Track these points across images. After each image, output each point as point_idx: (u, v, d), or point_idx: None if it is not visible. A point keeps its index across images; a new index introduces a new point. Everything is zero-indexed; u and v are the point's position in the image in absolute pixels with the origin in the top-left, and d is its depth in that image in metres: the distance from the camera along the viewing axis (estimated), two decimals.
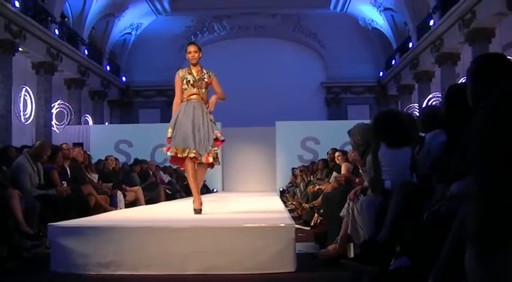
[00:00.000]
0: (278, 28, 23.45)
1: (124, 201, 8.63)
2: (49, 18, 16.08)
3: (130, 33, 23.24)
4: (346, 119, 20.07)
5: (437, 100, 14.51)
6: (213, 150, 5.36)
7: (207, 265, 4.00)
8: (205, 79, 5.42)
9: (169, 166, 12.30)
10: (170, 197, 10.86)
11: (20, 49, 14.47)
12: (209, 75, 5.49)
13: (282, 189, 14.53)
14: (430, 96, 15.83)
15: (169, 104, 9.23)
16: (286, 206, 8.57)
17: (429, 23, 16.66)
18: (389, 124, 3.91)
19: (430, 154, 3.48)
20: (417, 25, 18.22)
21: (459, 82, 10.45)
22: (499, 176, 1.03)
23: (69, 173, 7.34)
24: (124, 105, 24.09)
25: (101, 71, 21.20)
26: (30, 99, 14.49)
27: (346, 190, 4.66)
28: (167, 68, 17.57)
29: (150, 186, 10.51)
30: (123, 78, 23.74)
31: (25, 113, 14.33)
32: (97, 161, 10.06)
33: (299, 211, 8.63)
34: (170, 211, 6.65)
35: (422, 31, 17.52)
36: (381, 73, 23.22)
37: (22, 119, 14.22)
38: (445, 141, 3.07)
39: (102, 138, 15.77)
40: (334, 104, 23.79)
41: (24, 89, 14.21)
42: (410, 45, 19.04)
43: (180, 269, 4.00)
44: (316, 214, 6.90)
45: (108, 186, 8.47)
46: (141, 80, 23.29)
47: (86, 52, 19.48)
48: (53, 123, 16.58)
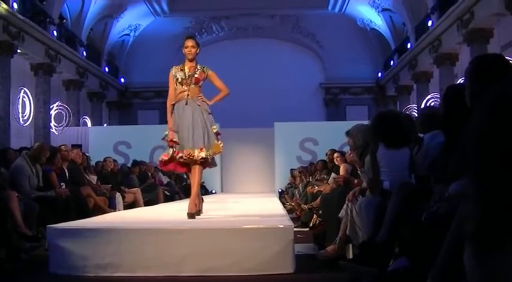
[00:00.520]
0: (276, 29, 23.44)
1: (123, 202, 8.63)
2: (47, 19, 16.06)
3: (128, 34, 23.23)
4: (344, 120, 20.01)
5: (435, 101, 14.48)
6: (211, 150, 5.18)
7: (206, 267, 4.00)
8: (195, 75, 5.22)
9: None
10: (169, 199, 10.84)
11: (19, 51, 14.44)
12: (203, 70, 5.28)
13: (281, 190, 14.51)
14: (429, 96, 15.80)
15: None
16: (284, 207, 8.56)
17: (427, 24, 16.65)
18: (388, 125, 3.91)
19: (429, 155, 3.47)
20: (415, 26, 18.22)
21: (457, 83, 10.46)
22: (496, 176, 1.02)
23: (67, 175, 7.34)
24: (123, 106, 24.06)
25: (100, 73, 21.17)
26: (28, 100, 14.45)
27: (344, 191, 4.65)
28: (166, 69, 17.17)
29: (149, 187, 10.51)
30: (121, 79, 23.70)
31: (23, 115, 14.29)
32: (96, 163, 10.06)
33: (298, 212, 8.63)
34: (169, 213, 6.63)
35: (420, 32, 17.51)
36: (380, 74, 23.22)
37: (21, 121, 14.19)
38: (444, 141, 3.08)
39: (100, 139, 15.73)
40: (332, 105, 23.78)
41: (22, 91, 14.17)
42: (408, 45, 19.04)
43: (179, 271, 4.00)
44: (315, 215, 6.90)
45: (106, 187, 8.47)
46: (140, 82, 23.26)
47: (85, 53, 19.46)
48: (52, 124, 16.52)
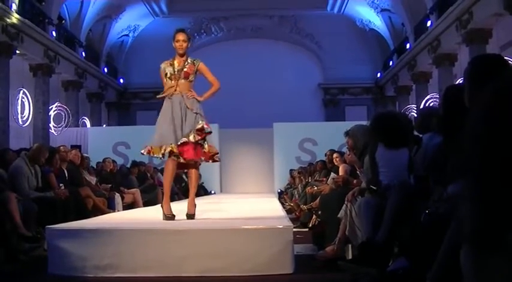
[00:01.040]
0: (275, 29, 23.44)
1: (122, 203, 8.63)
2: (46, 20, 16.06)
3: (127, 35, 23.23)
4: (343, 120, 20.00)
5: (435, 101, 14.49)
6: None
7: (205, 267, 3.99)
8: (185, 69, 5.01)
9: None
10: None
11: (18, 51, 14.44)
12: (193, 63, 5.06)
13: (280, 190, 14.50)
14: (428, 97, 15.81)
15: None
16: (284, 208, 8.56)
17: (426, 24, 16.66)
18: (387, 125, 3.91)
19: (428, 155, 3.48)
20: (414, 26, 18.24)
21: (456, 83, 10.46)
22: (492, 177, 1.02)
23: (66, 176, 7.33)
24: (122, 107, 24.05)
25: (99, 73, 21.16)
26: (27, 101, 14.46)
27: (344, 191, 4.65)
28: None
29: (148, 188, 10.51)
30: (120, 80, 23.70)
31: (23, 116, 14.29)
32: (95, 164, 10.06)
33: (297, 213, 8.63)
34: None
35: (419, 32, 17.53)
36: (379, 74, 23.23)
37: (20, 122, 14.19)
38: (442, 142, 3.08)
39: (100, 140, 15.72)
40: (331, 105, 23.77)
41: (21, 92, 14.18)
42: (407, 46, 19.05)
43: (178, 271, 4.00)
44: (314, 215, 6.89)
45: (106, 188, 8.47)
46: (139, 82, 23.23)
47: (84, 54, 19.46)
48: (51, 125, 16.51)
